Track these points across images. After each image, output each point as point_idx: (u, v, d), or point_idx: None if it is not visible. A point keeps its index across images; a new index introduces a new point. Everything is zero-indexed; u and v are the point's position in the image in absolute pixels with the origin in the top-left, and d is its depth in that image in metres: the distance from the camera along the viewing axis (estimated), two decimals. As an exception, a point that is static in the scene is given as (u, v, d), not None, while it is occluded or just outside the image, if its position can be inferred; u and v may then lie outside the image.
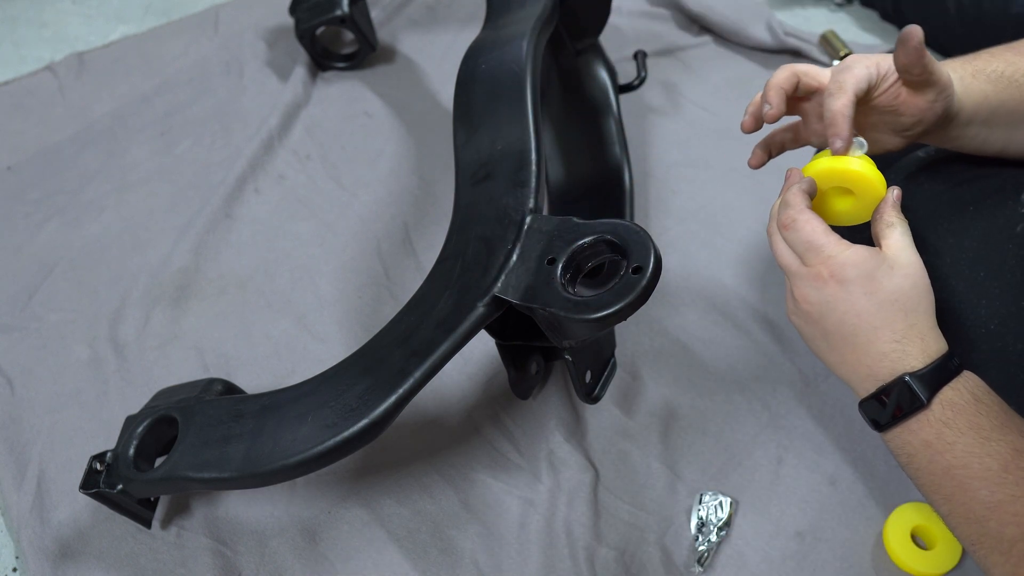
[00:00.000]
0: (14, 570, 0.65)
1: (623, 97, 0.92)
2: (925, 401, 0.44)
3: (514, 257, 0.54)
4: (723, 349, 0.75)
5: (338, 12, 1.05)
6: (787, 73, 0.54)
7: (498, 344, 0.64)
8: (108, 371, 0.76)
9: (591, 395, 0.63)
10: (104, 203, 0.96)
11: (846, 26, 1.20)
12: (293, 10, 1.12)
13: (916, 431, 0.45)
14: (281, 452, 0.52)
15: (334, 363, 0.58)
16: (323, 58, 1.13)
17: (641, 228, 0.50)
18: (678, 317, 0.78)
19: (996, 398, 0.45)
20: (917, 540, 0.60)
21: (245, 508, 0.65)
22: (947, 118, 0.53)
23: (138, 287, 0.84)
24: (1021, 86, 0.53)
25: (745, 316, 0.78)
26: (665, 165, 0.95)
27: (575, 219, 0.53)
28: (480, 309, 0.53)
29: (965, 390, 0.45)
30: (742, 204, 0.90)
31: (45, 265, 0.88)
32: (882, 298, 0.46)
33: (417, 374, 0.51)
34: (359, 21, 1.08)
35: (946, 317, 0.55)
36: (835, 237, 0.47)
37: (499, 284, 0.53)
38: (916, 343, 0.46)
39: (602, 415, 0.70)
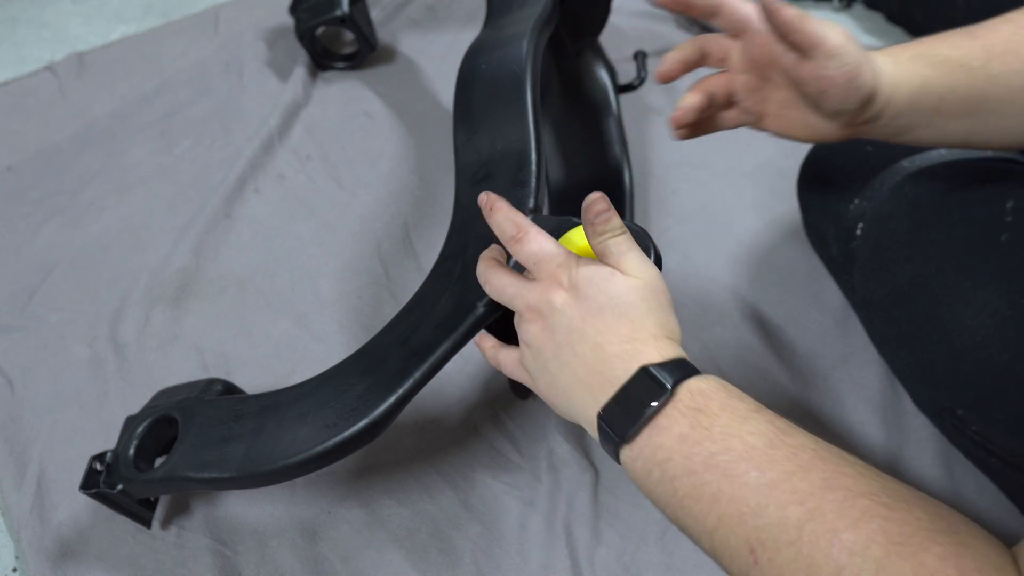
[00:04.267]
0: (14, 570, 0.65)
1: (623, 97, 0.92)
2: (669, 387, 0.39)
3: (514, 258, 0.54)
4: (722, 350, 0.75)
5: (338, 12, 1.05)
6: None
7: (498, 344, 0.64)
8: (108, 371, 0.76)
9: None
10: (104, 203, 0.96)
11: (848, 27, 1.20)
12: (293, 10, 1.12)
13: (667, 427, 0.38)
14: (281, 452, 0.52)
15: (334, 363, 0.58)
16: (323, 58, 1.13)
17: (641, 228, 0.50)
18: (676, 316, 0.78)
19: (742, 393, 0.41)
20: None
21: (245, 508, 0.65)
22: (877, 102, 0.49)
23: (138, 287, 0.84)
24: (972, 71, 0.49)
25: (744, 316, 0.78)
26: (665, 165, 0.95)
27: (575, 219, 0.53)
28: (480, 309, 0.53)
29: (712, 380, 0.40)
30: (742, 204, 0.90)
31: (45, 265, 0.88)
32: (602, 302, 0.43)
33: (417, 374, 0.51)
34: (359, 21, 1.08)
35: (931, 328, 0.55)
36: (567, 250, 0.46)
37: None
38: (648, 343, 0.42)
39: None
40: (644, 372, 0.40)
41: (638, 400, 0.39)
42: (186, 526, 0.64)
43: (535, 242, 0.47)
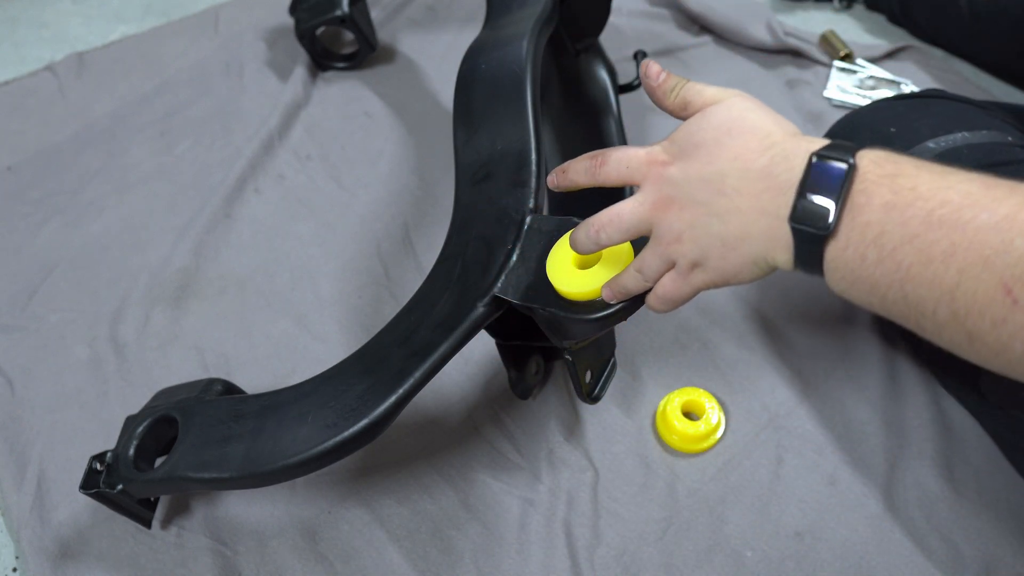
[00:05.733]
0: (14, 570, 0.65)
1: (623, 97, 0.92)
2: (851, 161, 0.36)
3: (514, 257, 0.54)
4: (722, 350, 0.75)
5: (338, 12, 1.05)
6: None
7: (498, 344, 0.64)
8: (108, 371, 0.77)
9: (591, 395, 0.63)
10: (104, 203, 0.96)
11: (848, 28, 1.20)
12: (293, 10, 1.12)
13: (867, 203, 0.35)
14: (281, 452, 0.52)
15: (334, 363, 0.58)
16: (323, 58, 1.13)
17: None
18: (678, 317, 0.78)
19: None
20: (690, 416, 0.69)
21: (245, 508, 0.65)
22: None
23: (138, 287, 0.84)
24: None
25: (743, 316, 0.78)
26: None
27: (575, 219, 0.53)
28: (480, 309, 0.52)
29: (885, 149, 0.37)
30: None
31: (45, 265, 0.88)
32: (715, 135, 0.41)
33: (417, 374, 0.51)
34: (359, 21, 1.08)
35: None
36: None
37: (499, 284, 0.53)
38: (788, 140, 0.39)
39: (602, 415, 0.70)
40: (814, 159, 0.37)
41: (824, 187, 0.36)
42: (186, 526, 0.64)
43: (618, 150, 0.46)
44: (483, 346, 0.74)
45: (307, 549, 0.63)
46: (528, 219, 0.55)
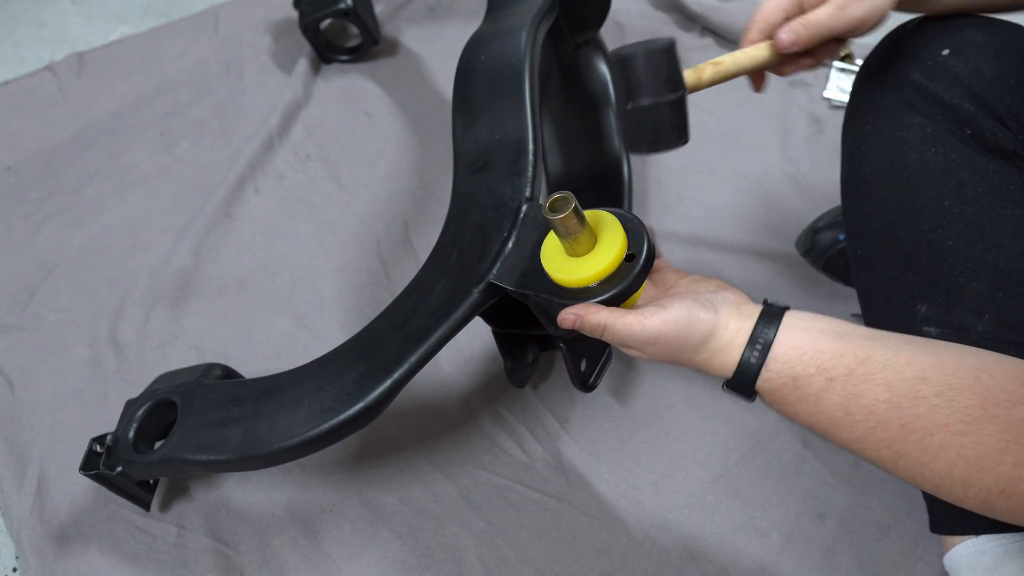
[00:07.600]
0: (14, 570, 0.64)
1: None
2: (751, 395, 0.46)
3: (510, 244, 0.54)
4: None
5: (341, 5, 1.05)
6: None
7: (494, 332, 0.64)
8: (108, 371, 0.76)
9: (587, 383, 0.63)
10: (104, 203, 0.96)
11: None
12: (297, 3, 1.12)
13: (765, 391, 0.46)
14: (278, 435, 0.52)
15: (334, 362, 0.58)
16: (326, 51, 1.13)
17: (636, 216, 0.50)
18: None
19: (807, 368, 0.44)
20: None
21: (247, 508, 0.65)
22: None
23: (138, 287, 0.84)
24: None
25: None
26: (671, 171, 0.95)
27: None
28: (475, 295, 0.52)
29: (777, 376, 0.45)
30: (747, 208, 0.90)
31: (45, 265, 0.88)
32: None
33: (412, 359, 0.52)
34: (363, 14, 1.08)
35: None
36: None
37: (495, 271, 0.53)
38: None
39: (599, 405, 0.70)
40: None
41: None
42: (187, 526, 0.64)
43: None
44: (484, 346, 0.74)
45: (310, 548, 0.62)
46: (524, 207, 0.55)
